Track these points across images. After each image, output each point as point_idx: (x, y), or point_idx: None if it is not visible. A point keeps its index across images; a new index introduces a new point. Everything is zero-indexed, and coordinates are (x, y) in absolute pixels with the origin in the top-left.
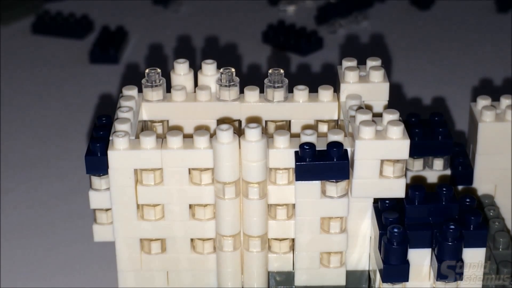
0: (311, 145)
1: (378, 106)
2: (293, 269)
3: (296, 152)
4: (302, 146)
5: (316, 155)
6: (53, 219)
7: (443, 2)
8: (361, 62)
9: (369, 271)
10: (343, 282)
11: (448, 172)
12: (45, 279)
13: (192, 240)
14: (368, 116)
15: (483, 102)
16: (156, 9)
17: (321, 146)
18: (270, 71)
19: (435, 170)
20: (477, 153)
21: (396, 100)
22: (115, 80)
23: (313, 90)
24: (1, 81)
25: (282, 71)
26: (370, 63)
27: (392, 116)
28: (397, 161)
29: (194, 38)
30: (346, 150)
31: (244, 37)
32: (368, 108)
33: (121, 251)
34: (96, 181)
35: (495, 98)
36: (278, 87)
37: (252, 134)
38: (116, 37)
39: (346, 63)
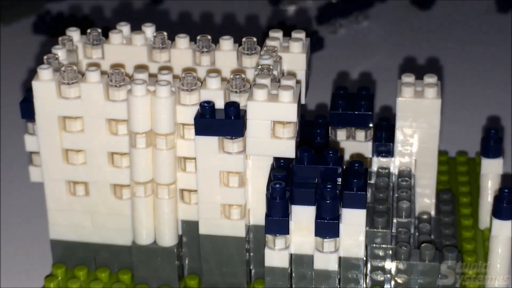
0: (210, 102)
1: (298, 76)
2: None
3: (198, 109)
4: (202, 103)
5: (215, 112)
6: None
7: (443, 2)
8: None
9: None
10: (242, 234)
11: (370, 143)
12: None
13: (114, 185)
14: (266, 80)
15: (406, 79)
16: (156, 9)
17: None
18: (198, 37)
19: (358, 141)
20: (397, 127)
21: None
22: None
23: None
24: (1, 81)
25: (209, 37)
26: (294, 35)
27: (288, 81)
28: (288, 123)
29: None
30: (244, 110)
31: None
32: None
33: (49, 191)
34: (30, 125)
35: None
36: (204, 52)
37: (162, 91)
38: None
39: (273, 34)
